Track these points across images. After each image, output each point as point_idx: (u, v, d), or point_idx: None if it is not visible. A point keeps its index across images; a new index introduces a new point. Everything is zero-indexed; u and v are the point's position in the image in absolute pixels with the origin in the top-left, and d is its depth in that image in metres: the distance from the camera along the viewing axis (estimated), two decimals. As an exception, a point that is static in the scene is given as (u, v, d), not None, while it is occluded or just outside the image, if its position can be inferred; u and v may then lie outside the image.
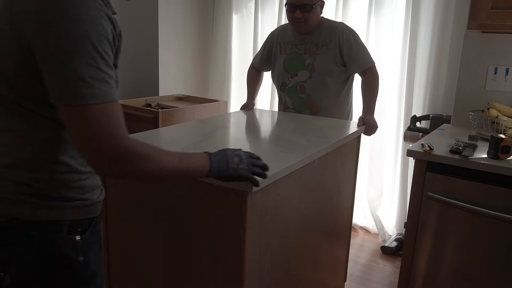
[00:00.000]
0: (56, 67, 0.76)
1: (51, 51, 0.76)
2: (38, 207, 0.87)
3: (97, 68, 0.77)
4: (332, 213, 1.83)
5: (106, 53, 0.79)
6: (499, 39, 2.00)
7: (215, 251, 1.23)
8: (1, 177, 0.87)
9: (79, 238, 0.91)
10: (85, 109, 0.76)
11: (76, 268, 0.92)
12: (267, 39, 2.37)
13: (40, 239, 0.88)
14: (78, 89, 0.76)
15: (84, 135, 0.78)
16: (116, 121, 0.80)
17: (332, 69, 2.13)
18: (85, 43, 0.76)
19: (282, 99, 2.31)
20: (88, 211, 0.94)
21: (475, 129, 1.89)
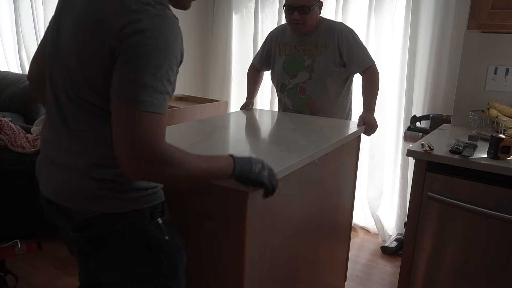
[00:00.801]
0: (127, 73, 0.84)
1: (128, 59, 0.84)
2: (122, 200, 0.97)
3: (161, 82, 0.85)
4: (332, 213, 1.83)
5: (172, 70, 0.88)
6: (499, 39, 2.00)
7: (215, 251, 1.23)
8: (86, 176, 0.96)
9: (161, 220, 1.02)
10: (139, 114, 0.83)
11: (165, 246, 1.04)
12: (266, 39, 2.37)
13: (129, 228, 0.98)
14: (140, 95, 0.83)
15: (127, 136, 0.84)
16: (161, 131, 0.87)
17: (331, 69, 2.12)
18: (158, 60, 0.84)
19: (282, 100, 2.31)
20: (159, 196, 1.04)
21: (475, 129, 1.89)
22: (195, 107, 2.95)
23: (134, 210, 0.98)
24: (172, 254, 1.08)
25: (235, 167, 1.03)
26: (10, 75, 3.91)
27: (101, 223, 0.98)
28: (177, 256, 1.10)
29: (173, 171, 0.89)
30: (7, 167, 2.49)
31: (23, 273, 2.26)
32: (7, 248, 2.00)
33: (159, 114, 0.86)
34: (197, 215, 1.24)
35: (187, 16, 3.40)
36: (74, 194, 0.98)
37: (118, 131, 0.86)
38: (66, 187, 0.99)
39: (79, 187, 0.97)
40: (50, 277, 2.27)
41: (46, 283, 2.21)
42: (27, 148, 2.59)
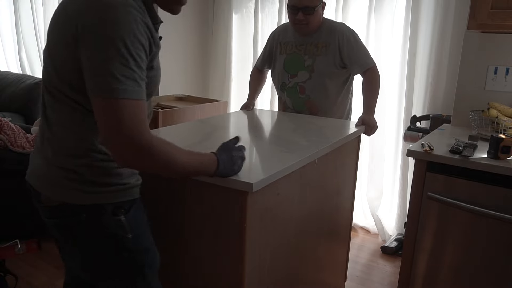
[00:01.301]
0: (94, 63, 0.86)
1: (90, 48, 0.87)
2: (84, 192, 0.98)
3: (129, 68, 0.87)
4: (332, 213, 1.83)
5: (138, 56, 0.89)
6: (499, 39, 2.00)
7: (215, 251, 1.23)
8: (52, 164, 1.00)
9: (123, 218, 1.02)
10: (114, 102, 0.85)
11: (127, 244, 1.04)
12: (268, 38, 2.38)
13: (89, 221, 1.00)
14: (110, 84, 0.85)
15: (110, 126, 0.87)
16: (140, 118, 0.88)
17: (331, 70, 2.13)
18: (120, 45, 0.86)
19: (282, 99, 2.31)
20: (128, 193, 1.05)
21: (475, 129, 1.89)
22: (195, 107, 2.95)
23: (96, 204, 1.00)
24: (136, 253, 1.07)
25: (218, 166, 1.07)
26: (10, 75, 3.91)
27: (64, 213, 1.01)
28: (143, 257, 1.09)
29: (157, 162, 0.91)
30: (7, 167, 2.49)
31: (23, 273, 2.26)
32: (7, 248, 2.00)
33: (133, 100, 0.87)
34: (197, 215, 1.24)
35: (187, 16, 3.40)
36: (42, 180, 1.03)
37: (98, 121, 0.89)
38: (38, 173, 1.05)
39: (46, 174, 1.02)
40: (50, 277, 2.27)
41: (46, 283, 2.21)
42: (27, 148, 2.59)
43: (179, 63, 3.48)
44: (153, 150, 0.90)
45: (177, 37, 3.38)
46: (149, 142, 0.89)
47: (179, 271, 1.33)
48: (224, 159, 1.09)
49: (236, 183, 1.12)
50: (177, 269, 1.33)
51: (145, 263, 1.10)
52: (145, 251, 1.10)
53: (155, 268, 1.14)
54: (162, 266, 1.36)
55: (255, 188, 1.11)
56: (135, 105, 0.88)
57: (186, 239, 1.28)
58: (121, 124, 0.86)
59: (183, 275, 1.32)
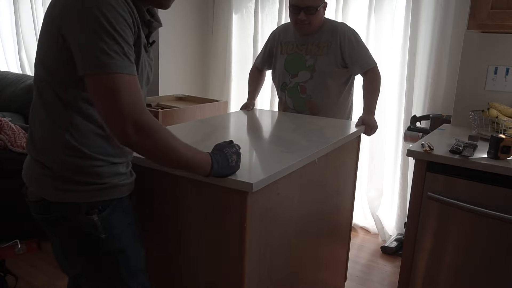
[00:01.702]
0: (81, 44, 0.87)
1: (75, 31, 0.87)
2: (58, 190, 0.98)
3: (116, 43, 0.87)
4: (332, 213, 1.83)
5: (123, 31, 0.89)
6: (499, 39, 2.00)
7: (215, 251, 1.23)
8: (33, 158, 1.02)
9: (96, 218, 1.01)
10: (106, 77, 0.86)
11: (101, 244, 1.03)
12: (268, 38, 2.37)
13: (64, 219, 1.00)
14: (100, 59, 0.86)
15: (107, 103, 0.87)
16: (135, 93, 0.89)
17: (332, 70, 2.12)
18: (103, 21, 0.86)
19: (283, 99, 2.31)
20: (105, 193, 1.03)
21: (475, 129, 1.89)
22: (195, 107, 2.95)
23: (71, 202, 0.99)
24: (111, 254, 1.06)
25: (212, 166, 1.07)
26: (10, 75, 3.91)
27: (42, 209, 1.02)
28: (117, 258, 1.07)
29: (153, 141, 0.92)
30: (7, 167, 2.49)
31: (23, 273, 2.26)
32: (7, 248, 2.00)
33: (126, 74, 0.88)
34: (197, 215, 1.24)
35: (187, 16, 3.40)
36: (28, 175, 1.05)
37: (95, 100, 0.90)
38: (25, 168, 1.07)
39: (30, 169, 1.04)
40: (50, 277, 2.27)
41: (46, 283, 2.21)
42: (27, 148, 2.59)
43: (179, 63, 3.48)
44: (153, 131, 0.91)
45: (177, 37, 3.38)
46: (149, 121, 0.90)
47: (179, 271, 1.33)
48: (218, 158, 1.09)
49: (236, 183, 1.12)
50: (177, 269, 1.33)
51: (120, 264, 1.08)
52: (121, 252, 1.07)
53: (134, 269, 1.11)
54: (162, 266, 1.37)
55: (255, 188, 1.11)
56: (129, 80, 0.88)
57: (186, 239, 1.28)
58: (119, 99, 0.86)
59: (183, 275, 1.32)
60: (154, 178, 1.28)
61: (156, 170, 1.25)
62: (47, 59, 0.96)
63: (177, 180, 1.24)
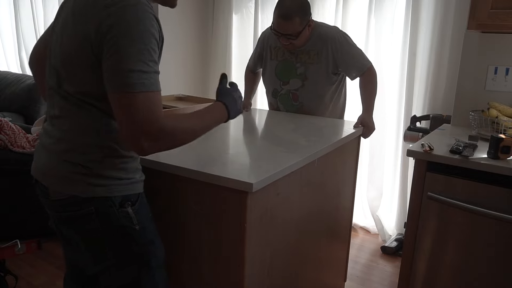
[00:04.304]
0: (113, 61, 0.90)
1: (109, 47, 0.90)
2: (93, 185, 1.02)
3: (146, 63, 0.91)
4: (332, 213, 1.83)
5: (153, 50, 0.93)
6: (499, 39, 2.00)
7: (215, 251, 1.23)
8: (61, 159, 1.03)
9: (131, 210, 1.06)
10: (132, 97, 0.89)
11: (135, 235, 1.08)
12: (258, 39, 2.33)
13: (98, 213, 1.03)
14: (130, 79, 0.89)
15: (130, 120, 0.90)
16: (156, 108, 0.92)
17: (324, 77, 2.11)
18: (138, 42, 0.90)
19: (274, 105, 2.29)
20: (133, 187, 1.08)
21: (475, 129, 1.89)
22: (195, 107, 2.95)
23: (103, 197, 1.03)
24: (143, 245, 1.11)
25: (228, 112, 1.15)
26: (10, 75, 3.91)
27: (72, 205, 1.03)
28: (149, 249, 1.13)
29: (175, 140, 0.98)
30: (7, 167, 2.49)
31: (23, 273, 2.26)
32: (7, 248, 2.00)
33: (152, 92, 0.91)
34: (197, 215, 1.24)
35: (187, 16, 3.40)
36: (50, 174, 1.06)
37: (119, 117, 0.92)
38: (44, 167, 1.08)
39: (54, 168, 1.04)
40: (50, 277, 2.27)
41: (46, 283, 2.21)
42: (27, 148, 2.59)
43: (179, 63, 3.48)
44: (170, 133, 0.95)
45: (177, 37, 3.38)
46: (165, 127, 0.93)
47: (179, 271, 1.32)
48: (230, 102, 1.16)
49: (236, 183, 1.12)
50: (177, 269, 1.33)
51: (151, 255, 1.13)
52: (151, 243, 1.13)
53: (160, 260, 1.17)
54: (162, 266, 1.36)
55: (255, 188, 1.11)
56: (153, 97, 0.92)
57: (185, 239, 1.28)
58: (142, 117, 0.89)
59: (183, 275, 1.32)
60: (153, 178, 1.28)
61: (155, 170, 1.25)
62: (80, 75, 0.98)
63: (176, 180, 1.24)
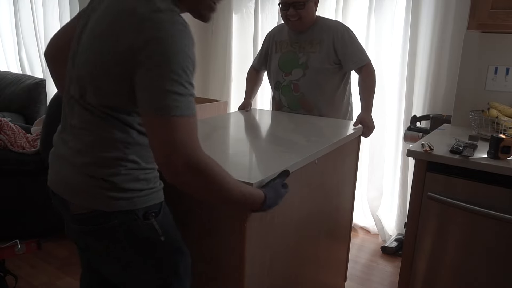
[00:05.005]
0: (148, 81, 0.87)
1: (146, 67, 0.87)
2: (114, 199, 0.98)
3: (183, 86, 0.88)
4: (332, 213, 1.83)
5: (190, 72, 0.90)
6: (499, 39, 2.00)
7: (215, 251, 1.23)
8: (82, 173, 0.99)
9: (155, 221, 1.03)
10: (168, 120, 0.86)
11: (161, 246, 1.05)
12: (264, 39, 2.38)
13: (122, 227, 1.00)
14: (167, 102, 0.86)
15: (164, 144, 0.87)
16: (193, 135, 0.89)
17: (325, 67, 2.12)
18: (176, 65, 0.87)
19: (276, 98, 2.31)
20: (155, 197, 1.05)
21: (475, 129, 1.89)
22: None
23: (127, 210, 1.00)
24: (169, 255, 1.09)
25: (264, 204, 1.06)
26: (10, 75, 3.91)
27: (95, 220, 1.01)
28: (176, 258, 1.10)
29: (206, 182, 0.91)
30: (7, 167, 2.49)
31: (23, 273, 2.26)
32: (7, 248, 2.00)
33: (187, 116, 0.88)
34: (197, 216, 1.24)
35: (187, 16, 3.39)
36: (71, 188, 1.02)
37: (150, 138, 0.90)
38: (64, 181, 1.03)
39: (76, 183, 1.00)
40: (50, 277, 2.27)
41: (46, 283, 2.21)
42: (27, 148, 2.59)
43: (179, 63, 3.47)
44: (208, 170, 0.90)
45: (177, 37, 3.37)
46: (204, 161, 0.89)
47: (179, 271, 1.32)
48: (271, 198, 1.08)
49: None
50: (177, 269, 1.33)
51: (179, 263, 1.11)
52: (178, 251, 1.11)
53: (188, 267, 1.15)
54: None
55: (255, 188, 1.11)
56: (189, 122, 0.88)
57: (185, 239, 1.28)
58: (176, 142, 0.86)
59: (183, 275, 1.32)
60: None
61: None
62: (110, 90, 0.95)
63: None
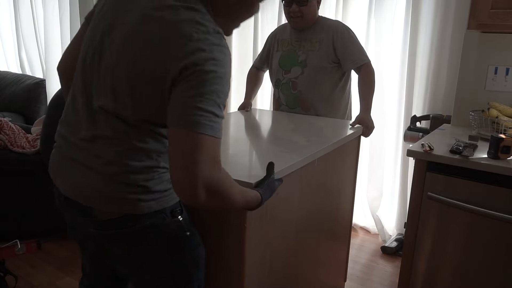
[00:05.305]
0: (186, 97, 0.87)
1: (187, 82, 0.86)
2: (144, 201, 1.00)
3: (219, 108, 0.89)
4: (332, 213, 1.83)
5: (226, 94, 0.91)
6: (499, 39, 1.99)
7: (215, 251, 1.23)
8: (113, 180, 0.98)
9: (181, 217, 1.07)
10: (197, 137, 0.85)
11: (187, 242, 1.10)
12: (267, 39, 2.40)
13: (152, 227, 1.02)
14: (201, 119, 0.85)
15: (186, 160, 0.86)
16: (216, 155, 0.89)
17: (323, 65, 2.13)
18: (217, 86, 0.87)
19: (276, 95, 2.33)
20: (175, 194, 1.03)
21: (475, 129, 1.89)
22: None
23: (156, 211, 1.02)
24: (194, 249, 1.12)
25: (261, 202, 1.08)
26: (10, 75, 3.91)
27: (124, 223, 1.01)
28: (198, 251, 1.14)
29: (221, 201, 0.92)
30: (7, 167, 2.49)
31: (23, 273, 2.26)
32: (7, 248, 2.00)
33: (217, 138, 0.89)
34: (197, 216, 1.24)
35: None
36: (95, 195, 1.00)
37: (174, 152, 0.88)
38: (90, 189, 1.01)
39: (101, 189, 0.99)
40: (50, 277, 2.27)
41: (46, 283, 2.21)
42: (27, 148, 2.59)
43: (179, 63, 3.47)
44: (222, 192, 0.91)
45: (177, 37, 3.37)
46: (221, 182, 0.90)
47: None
48: (267, 197, 1.11)
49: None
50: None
51: (200, 256, 1.14)
52: (199, 245, 1.14)
53: (204, 260, 1.18)
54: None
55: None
56: (215, 143, 0.88)
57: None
58: (198, 160, 0.85)
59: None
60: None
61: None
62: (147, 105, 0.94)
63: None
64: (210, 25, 0.91)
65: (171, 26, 0.89)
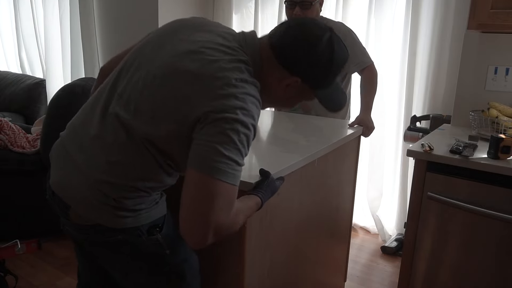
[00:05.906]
0: (208, 139, 0.87)
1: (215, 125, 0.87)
2: (118, 217, 0.98)
3: (242, 156, 0.90)
4: (332, 213, 1.83)
5: (248, 144, 0.92)
6: (499, 39, 1.99)
7: (215, 251, 1.23)
8: (94, 187, 0.97)
9: (160, 236, 1.03)
10: (213, 182, 0.85)
11: (167, 259, 1.06)
12: None
13: (125, 243, 1.01)
14: (223, 165, 0.86)
15: (198, 204, 0.86)
16: (233, 202, 0.90)
17: None
18: (243, 136, 0.88)
19: None
20: (158, 210, 1.05)
21: (475, 129, 1.89)
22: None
23: (130, 227, 0.99)
24: (176, 266, 1.09)
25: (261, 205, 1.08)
26: (10, 75, 3.91)
27: (97, 233, 1.00)
28: (183, 267, 1.11)
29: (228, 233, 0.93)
30: (7, 167, 2.49)
31: (23, 273, 2.26)
32: (7, 248, 2.00)
33: (235, 186, 0.89)
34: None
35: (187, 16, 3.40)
36: (79, 198, 1.00)
37: (195, 195, 0.87)
38: (73, 188, 1.01)
39: (83, 193, 0.98)
40: (50, 277, 2.27)
41: (46, 283, 2.21)
42: (27, 148, 2.59)
43: (179, 63, 3.47)
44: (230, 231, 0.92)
45: (177, 37, 3.37)
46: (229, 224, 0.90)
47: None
48: (267, 198, 1.11)
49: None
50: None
51: (186, 271, 1.12)
52: (184, 261, 1.11)
53: (196, 271, 1.16)
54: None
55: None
56: (230, 190, 0.88)
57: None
58: (216, 208, 0.85)
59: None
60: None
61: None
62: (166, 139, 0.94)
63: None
64: (250, 77, 0.94)
65: (213, 63, 0.92)
